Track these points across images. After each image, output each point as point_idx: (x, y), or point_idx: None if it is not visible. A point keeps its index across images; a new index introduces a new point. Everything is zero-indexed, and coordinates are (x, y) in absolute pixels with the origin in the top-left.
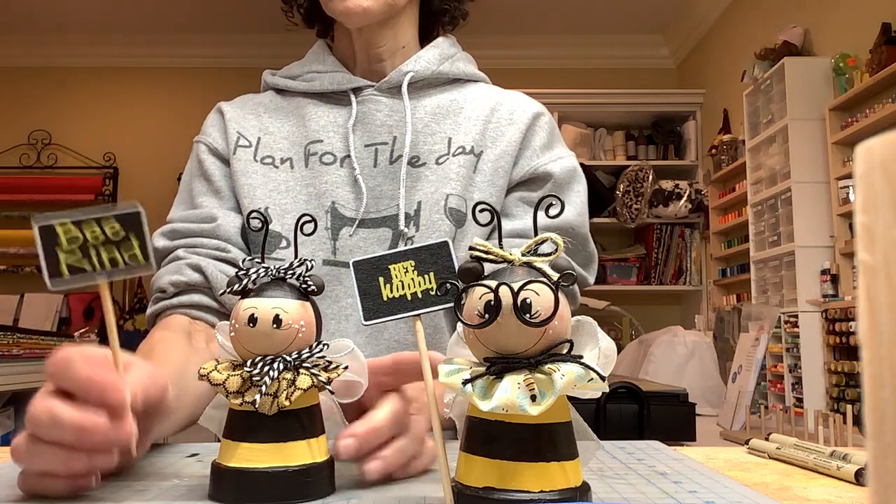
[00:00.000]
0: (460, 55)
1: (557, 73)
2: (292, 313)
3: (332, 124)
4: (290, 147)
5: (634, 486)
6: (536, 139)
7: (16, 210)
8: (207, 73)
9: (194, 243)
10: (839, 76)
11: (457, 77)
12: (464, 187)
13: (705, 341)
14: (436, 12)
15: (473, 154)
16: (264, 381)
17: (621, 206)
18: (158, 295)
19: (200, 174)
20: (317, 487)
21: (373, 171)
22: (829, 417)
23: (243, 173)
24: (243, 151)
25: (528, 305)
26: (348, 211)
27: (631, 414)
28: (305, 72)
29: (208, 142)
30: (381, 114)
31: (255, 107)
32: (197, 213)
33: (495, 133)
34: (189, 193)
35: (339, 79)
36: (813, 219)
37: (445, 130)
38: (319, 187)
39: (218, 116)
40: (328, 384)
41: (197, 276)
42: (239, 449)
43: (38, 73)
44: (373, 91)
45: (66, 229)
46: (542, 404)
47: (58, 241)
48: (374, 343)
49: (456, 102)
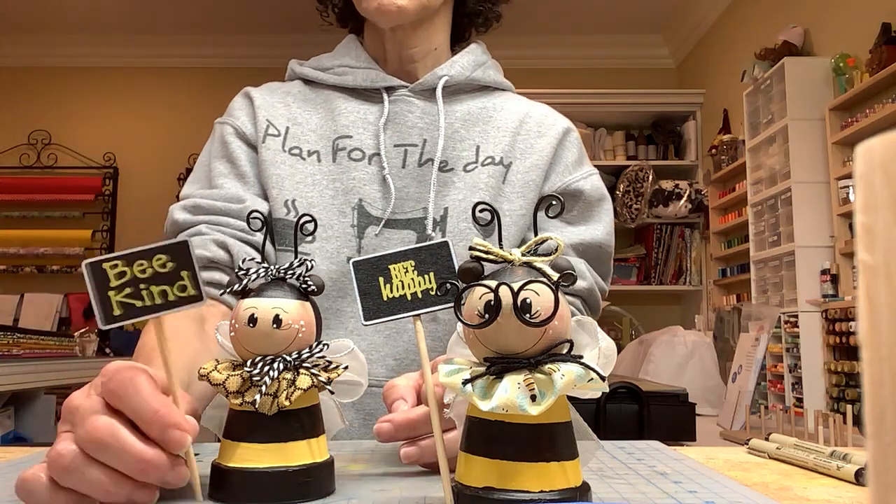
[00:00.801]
0: (490, 63)
1: (557, 73)
2: (292, 313)
3: (363, 121)
4: (318, 140)
5: (634, 486)
6: (568, 155)
7: (16, 210)
8: (207, 73)
9: (219, 221)
10: (839, 76)
11: (487, 84)
12: (493, 197)
13: (705, 341)
14: (470, 14)
15: (503, 165)
16: (264, 382)
17: (621, 206)
18: None
19: (224, 156)
20: (317, 487)
21: (401, 171)
22: (829, 417)
23: (272, 163)
24: (273, 140)
25: (528, 305)
26: (375, 210)
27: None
28: (336, 65)
29: (236, 125)
30: (413, 115)
31: (283, 95)
32: (222, 192)
33: (524, 145)
34: (207, 173)
35: (372, 76)
36: (813, 219)
37: (474, 137)
38: (347, 183)
39: (247, 101)
40: (328, 384)
41: (222, 254)
42: (239, 449)
43: (38, 73)
44: (406, 91)
45: (114, 266)
46: (542, 404)
47: (107, 279)
48: (393, 343)
49: (486, 111)
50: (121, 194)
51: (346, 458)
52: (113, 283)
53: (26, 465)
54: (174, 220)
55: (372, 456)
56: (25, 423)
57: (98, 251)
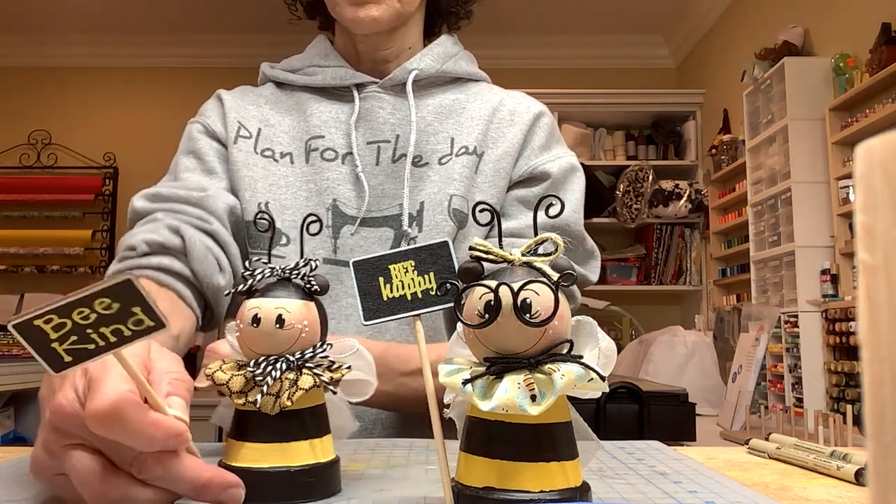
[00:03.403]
0: (462, 54)
1: (557, 73)
2: (295, 313)
3: (334, 120)
4: (291, 141)
5: (634, 486)
6: (536, 139)
7: (16, 210)
8: (207, 73)
9: (177, 209)
10: (839, 76)
11: (459, 76)
12: (466, 188)
13: (705, 341)
14: (442, 13)
15: (476, 154)
16: (266, 381)
17: (621, 206)
18: (127, 253)
19: (190, 151)
20: (321, 487)
21: (374, 169)
22: (829, 417)
23: (245, 164)
24: (244, 142)
25: (528, 305)
26: (350, 209)
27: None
28: (306, 65)
29: (206, 122)
30: (384, 111)
31: (255, 98)
32: (184, 182)
33: (497, 133)
34: (175, 169)
35: (341, 74)
36: (813, 219)
37: (448, 130)
38: (320, 184)
39: (217, 103)
40: (331, 384)
41: (174, 239)
42: (243, 449)
43: (38, 73)
44: (376, 88)
45: (49, 321)
46: (542, 404)
47: (45, 334)
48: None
49: (458, 102)
50: (121, 194)
51: (346, 458)
52: (53, 336)
53: (26, 465)
54: (133, 209)
55: (372, 456)
56: (25, 423)
57: (98, 251)
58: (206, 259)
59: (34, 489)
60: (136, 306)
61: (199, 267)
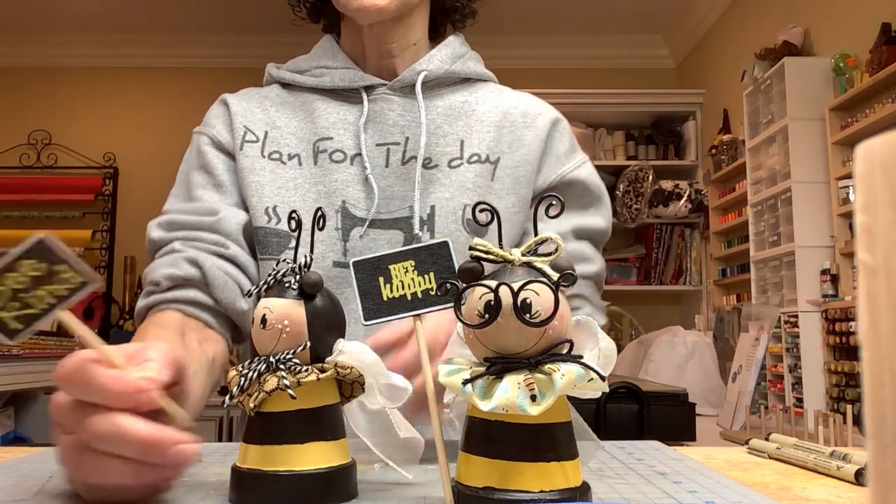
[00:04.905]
0: (470, 54)
1: (557, 73)
2: (276, 312)
3: (343, 122)
4: (298, 143)
5: (634, 486)
6: (559, 145)
7: (16, 210)
8: (207, 73)
9: (193, 236)
10: (839, 76)
11: (468, 76)
12: (482, 197)
13: (705, 341)
14: (447, 10)
15: (490, 162)
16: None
17: (621, 206)
18: (152, 288)
19: (201, 166)
20: (337, 491)
21: (384, 171)
22: (829, 417)
23: (251, 170)
24: (251, 147)
25: (528, 305)
26: (359, 211)
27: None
28: (314, 67)
29: (212, 134)
30: (394, 113)
31: (260, 100)
32: (197, 205)
33: (511, 138)
34: (186, 185)
35: (350, 76)
36: (813, 219)
37: (457, 132)
38: (329, 185)
39: (223, 108)
40: (290, 388)
41: (194, 271)
42: (251, 451)
43: (38, 73)
44: (385, 90)
45: None
46: (542, 404)
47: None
48: None
49: (468, 104)
50: (121, 194)
51: None
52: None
53: (26, 465)
54: (150, 239)
55: (372, 456)
56: (25, 423)
57: (98, 251)
58: (227, 286)
59: (34, 489)
60: (60, 264)
61: (220, 295)
